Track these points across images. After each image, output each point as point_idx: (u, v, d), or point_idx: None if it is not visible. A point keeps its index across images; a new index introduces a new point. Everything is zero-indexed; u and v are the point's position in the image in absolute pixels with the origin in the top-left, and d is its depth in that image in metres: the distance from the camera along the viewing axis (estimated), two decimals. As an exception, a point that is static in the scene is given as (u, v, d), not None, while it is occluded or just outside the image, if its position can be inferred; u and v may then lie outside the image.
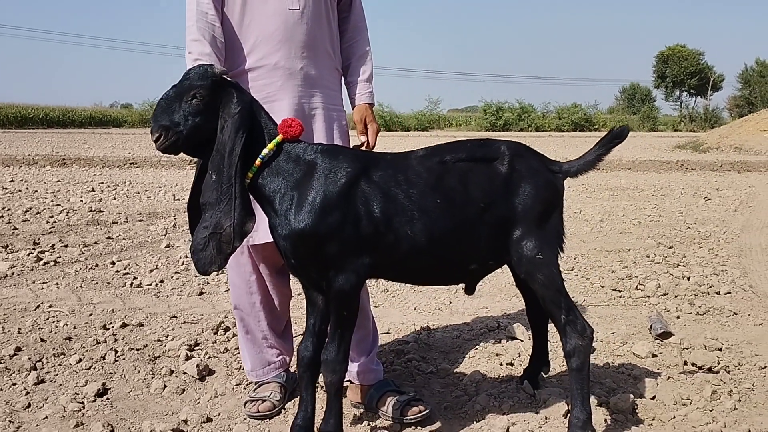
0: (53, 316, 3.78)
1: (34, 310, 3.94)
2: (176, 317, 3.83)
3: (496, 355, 3.22)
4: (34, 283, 4.56)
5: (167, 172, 13.04)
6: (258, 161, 2.16)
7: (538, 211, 2.27)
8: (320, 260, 2.14)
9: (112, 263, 5.14)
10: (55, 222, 6.99)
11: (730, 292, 4.38)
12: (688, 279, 4.65)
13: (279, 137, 2.18)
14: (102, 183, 10.84)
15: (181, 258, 5.32)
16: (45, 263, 5.13)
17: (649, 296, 4.30)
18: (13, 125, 38.29)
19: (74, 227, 6.76)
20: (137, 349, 3.28)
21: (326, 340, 2.24)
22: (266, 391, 2.72)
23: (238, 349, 3.11)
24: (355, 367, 2.71)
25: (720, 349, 3.25)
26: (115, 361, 3.14)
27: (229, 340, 3.41)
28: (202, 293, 4.40)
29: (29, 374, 2.95)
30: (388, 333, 3.60)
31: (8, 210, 7.67)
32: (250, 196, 2.19)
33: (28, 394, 2.80)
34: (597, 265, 5.18)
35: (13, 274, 4.79)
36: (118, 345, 3.33)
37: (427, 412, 2.57)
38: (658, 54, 55.24)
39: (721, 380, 2.91)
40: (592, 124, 45.54)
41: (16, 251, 5.49)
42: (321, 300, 2.28)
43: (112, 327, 3.60)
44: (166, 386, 2.88)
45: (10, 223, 6.77)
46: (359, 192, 2.15)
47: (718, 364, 3.02)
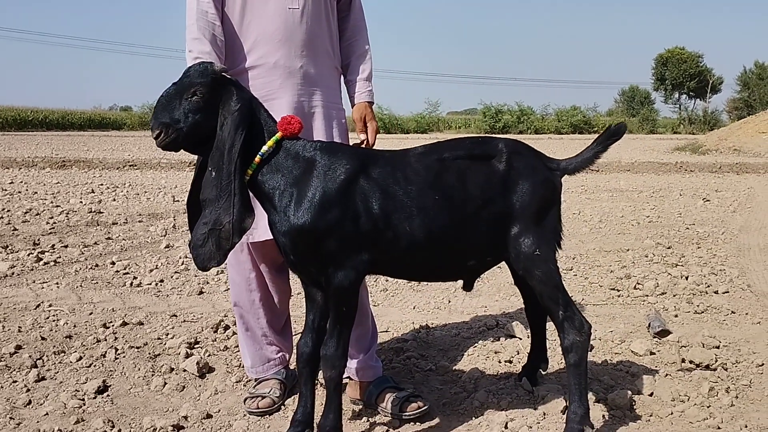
0: (53, 315, 3.79)
1: (35, 309, 3.95)
2: (176, 316, 3.85)
3: (495, 353, 3.23)
4: (34, 282, 4.57)
5: (167, 174, 13.06)
6: (257, 158, 2.17)
7: (536, 208, 2.29)
8: (319, 256, 2.16)
9: (112, 263, 5.16)
10: (54, 223, 7.00)
11: (728, 292, 4.39)
12: (687, 278, 4.66)
13: (278, 134, 2.19)
14: (101, 185, 10.85)
15: (180, 258, 5.33)
16: (45, 263, 5.14)
17: (647, 295, 4.31)
18: (12, 128, 38.29)
19: (74, 228, 6.77)
20: (137, 347, 3.30)
21: (325, 336, 2.26)
22: (266, 387, 2.73)
23: (237, 347, 3.13)
24: (354, 364, 2.72)
25: (718, 347, 3.27)
26: (116, 358, 3.15)
27: (228, 339, 3.42)
28: (201, 293, 4.41)
29: (30, 372, 2.96)
30: (387, 331, 3.61)
31: (8, 211, 7.68)
32: (250, 193, 2.21)
33: (28, 391, 2.81)
34: (596, 265, 5.19)
35: (13, 274, 4.80)
36: (119, 343, 3.34)
37: (426, 408, 2.58)
38: (658, 56, 55.32)
39: (719, 377, 2.93)
40: (592, 126, 45.62)
41: (16, 251, 5.50)
42: (320, 296, 2.29)
43: (113, 325, 3.61)
44: (166, 383, 2.89)
45: (9, 224, 6.78)
46: (358, 189, 2.16)
47: (716, 361, 3.04)
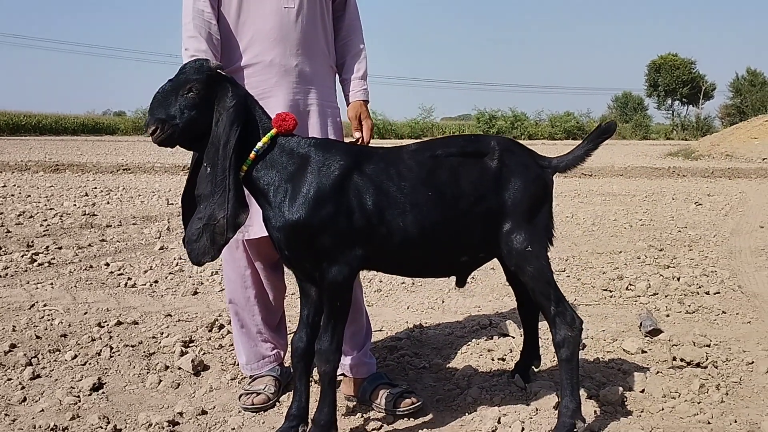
0: (48, 315, 3.79)
1: (29, 308, 3.95)
2: (171, 315, 3.85)
3: (488, 351, 3.25)
4: (28, 283, 4.57)
5: (161, 178, 13.05)
6: (252, 154, 2.19)
7: (528, 205, 2.32)
8: (313, 252, 2.18)
9: (107, 264, 5.16)
10: (48, 225, 7.00)
11: (719, 292, 4.42)
12: (678, 280, 4.69)
13: (273, 131, 2.22)
14: (95, 188, 10.84)
15: (175, 260, 5.33)
16: (39, 264, 5.14)
17: (639, 296, 4.35)
18: (5, 132, 38.12)
19: (68, 230, 6.77)
20: (132, 346, 3.31)
21: (320, 331, 2.28)
22: (261, 384, 2.74)
23: (232, 345, 3.14)
24: (348, 361, 2.74)
25: (708, 346, 3.29)
26: (111, 357, 3.16)
27: (223, 337, 3.43)
28: (196, 293, 4.42)
29: (24, 369, 2.96)
30: (381, 330, 3.63)
31: (1, 213, 7.67)
32: (245, 189, 2.23)
33: (23, 388, 2.81)
34: (588, 267, 5.22)
35: (6, 275, 4.80)
36: (113, 342, 3.35)
37: (419, 404, 2.60)
38: (651, 63, 55.73)
39: (709, 375, 2.96)
40: (585, 132, 45.71)
41: (10, 253, 5.50)
42: (315, 292, 2.31)
43: (107, 325, 3.61)
44: (161, 381, 2.90)
45: (3, 227, 6.76)
46: (352, 185, 2.19)
47: (707, 359, 3.07)
